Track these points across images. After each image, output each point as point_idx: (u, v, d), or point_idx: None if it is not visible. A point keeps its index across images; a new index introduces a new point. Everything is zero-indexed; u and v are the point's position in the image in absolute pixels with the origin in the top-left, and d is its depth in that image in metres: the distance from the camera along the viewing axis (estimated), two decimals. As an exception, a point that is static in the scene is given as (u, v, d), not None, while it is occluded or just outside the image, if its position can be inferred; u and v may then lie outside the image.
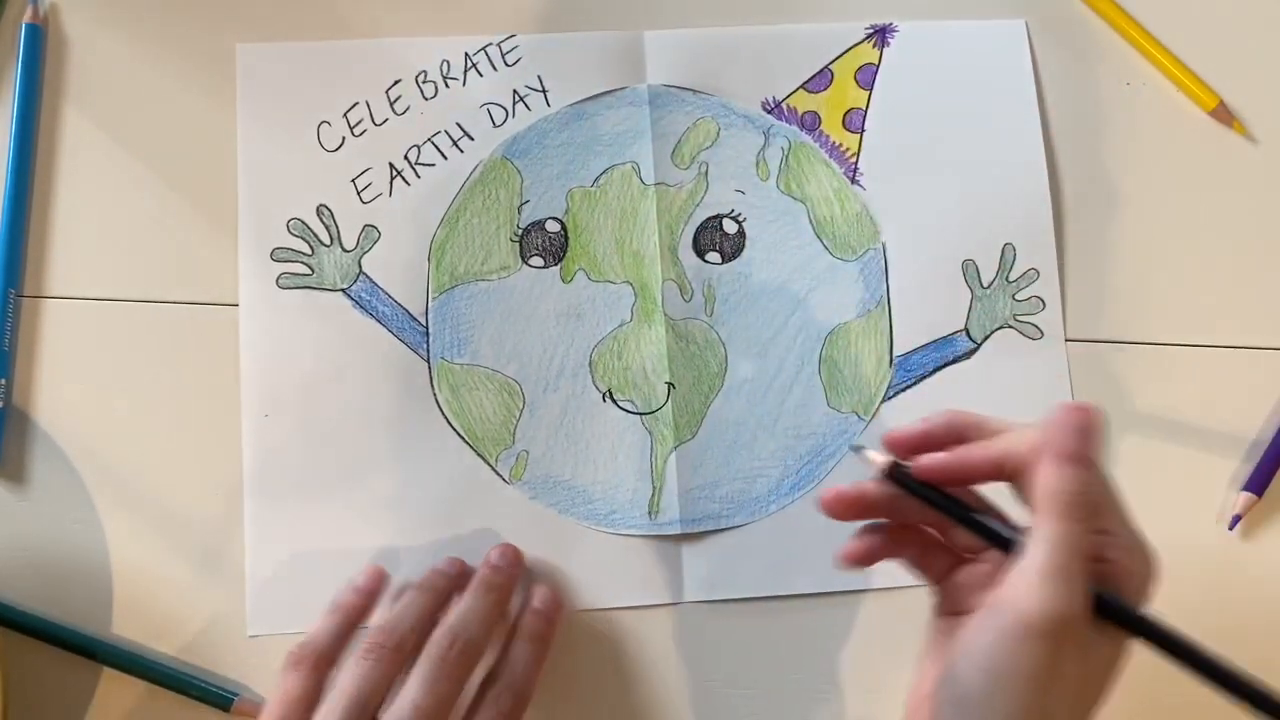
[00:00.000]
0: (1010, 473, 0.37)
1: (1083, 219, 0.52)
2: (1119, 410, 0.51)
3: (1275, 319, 0.52)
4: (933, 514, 0.38)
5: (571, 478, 0.50)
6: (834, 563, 0.39)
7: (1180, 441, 0.51)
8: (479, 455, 0.50)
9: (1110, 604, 0.36)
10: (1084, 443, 0.36)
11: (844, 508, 0.38)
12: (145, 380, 0.50)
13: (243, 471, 0.49)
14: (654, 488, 0.50)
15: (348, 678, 0.42)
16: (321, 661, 0.43)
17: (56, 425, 0.49)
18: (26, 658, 0.47)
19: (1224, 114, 0.53)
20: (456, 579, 0.47)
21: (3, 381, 0.49)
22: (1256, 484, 0.50)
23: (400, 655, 0.43)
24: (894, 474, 0.38)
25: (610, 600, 0.49)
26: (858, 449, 0.39)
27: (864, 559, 0.39)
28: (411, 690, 0.42)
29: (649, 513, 0.49)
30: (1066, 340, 0.51)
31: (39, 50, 0.52)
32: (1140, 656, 0.38)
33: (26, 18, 0.52)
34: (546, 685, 0.48)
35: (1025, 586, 0.35)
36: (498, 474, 0.50)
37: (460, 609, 0.45)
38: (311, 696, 0.42)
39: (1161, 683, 0.47)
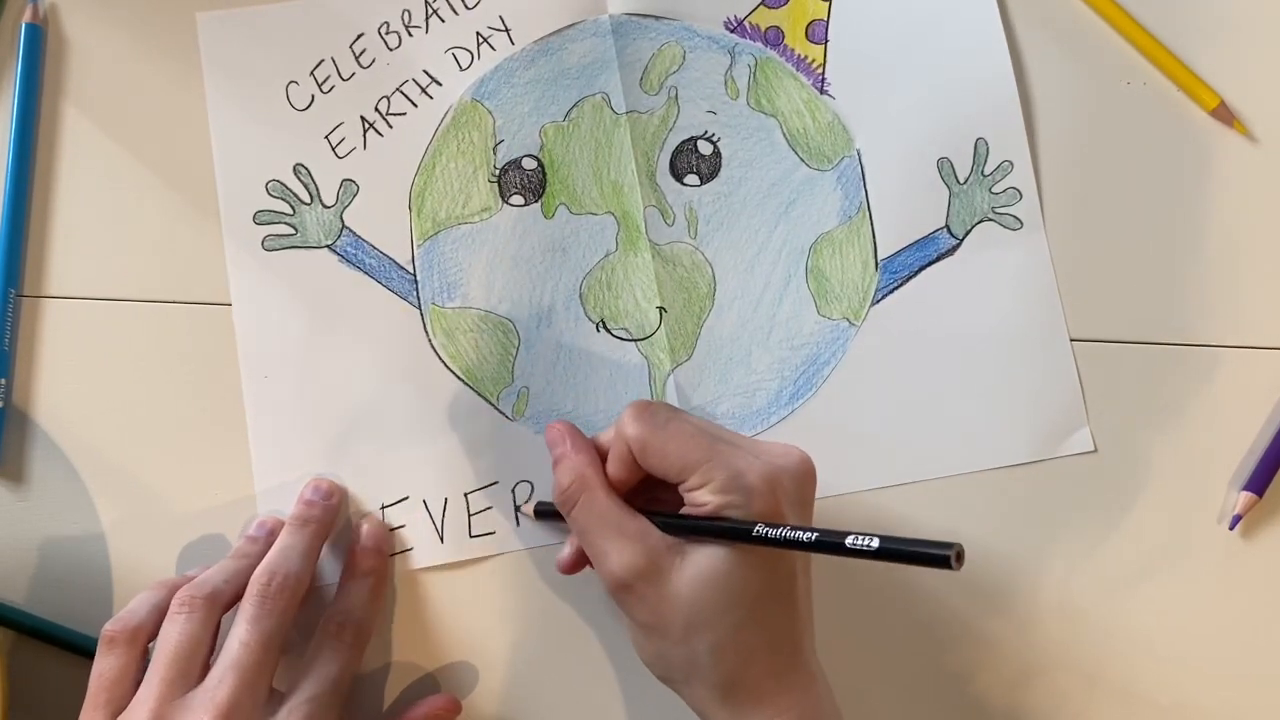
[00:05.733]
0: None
1: (1082, 218, 0.52)
2: (1120, 409, 0.51)
3: (1275, 319, 0.52)
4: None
5: (574, 409, 0.50)
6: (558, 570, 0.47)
7: (1180, 441, 0.51)
8: (480, 395, 0.50)
9: (671, 525, 0.41)
10: (552, 448, 0.46)
11: (572, 565, 0.47)
12: (145, 380, 0.50)
13: (247, 434, 0.49)
14: (656, 411, 0.50)
15: (163, 637, 0.42)
16: (137, 635, 0.43)
17: (56, 425, 0.49)
18: (26, 658, 0.48)
19: (1224, 114, 0.53)
20: (268, 539, 0.47)
21: (3, 381, 0.49)
22: (1256, 484, 0.50)
23: (215, 604, 0.43)
24: (539, 511, 0.49)
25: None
26: (517, 509, 0.49)
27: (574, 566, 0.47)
28: (238, 629, 0.42)
29: (653, 436, 0.50)
30: (1072, 339, 0.51)
31: (39, 50, 0.52)
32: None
33: (26, 18, 0.51)
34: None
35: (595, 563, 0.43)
36: (501, 412, 0.50)
37: (276, 546, 0.46)
38: (131, 671, 0.42)
39: (1165, 684, 0.49)
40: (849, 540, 0.36)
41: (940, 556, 0.34)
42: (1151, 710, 0.49)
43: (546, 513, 0.48)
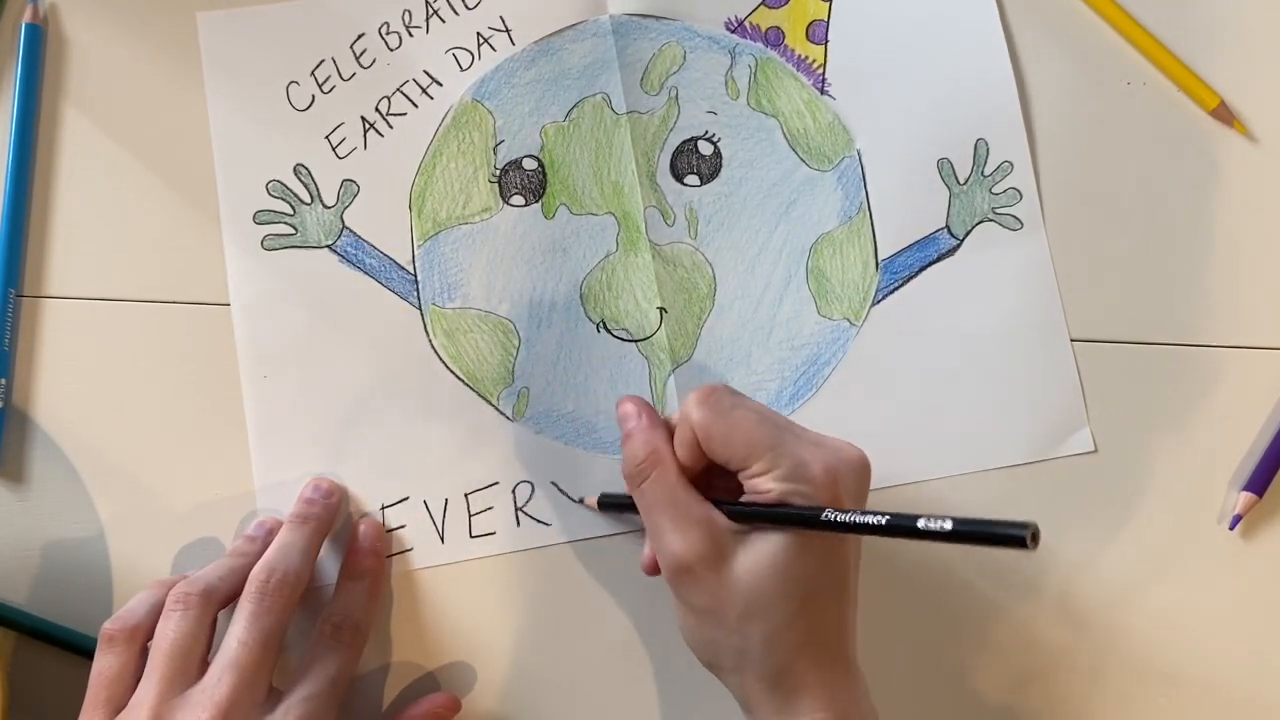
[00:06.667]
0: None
1: (1082, 218, 0.52)
2: (1120, 409, 0.51)
3: (1275, 319, 0.52)
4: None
5: (574, 410, 0.50)
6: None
7: (1180, 441, 0.51)
8: (480, 396, 0.50)
9: (736, 512, 0.41)
10: (623, 423, 0.45)
11: (656, 566, 0.44)
12: (145, 380, 0.50)
13: (247, 435, 0.49)
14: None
15: (158, 635, 0.42)
16: (136, 634, 0.43)
17: (56, 425, 0.49)
18: (26, 658, 0.48)
19: (1224, 114, 0.53)
20: (267, 538, 0.47)
21: (3, 381, 0.49)
22: (1256, 484, 0.50)
23: (210, 600, 0.43)
24: (602, 503, 0.49)
25: (625, 525, 0.49)
26: (580, 501, 0.49)
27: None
28: (235, 627, 0.42)
29: (654, 436, 0.50)
30: (1072, 339, 0.51)
31: (39, 50, 0.52)
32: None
33: (26, 18, 0.52)
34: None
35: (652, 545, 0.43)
36: (501, 413, 0.50)
37: (275, 543, 0.46)
38: (130, 670, 0.42)
39: (1165, 683, 0.49)
40: (921, 522, 0.36)
41: (1016, 536, 0.33)
42: (1152, 710, 0.49)
43: (611, 505, 0.48)
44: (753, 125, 0.52)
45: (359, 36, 0.52)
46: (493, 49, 0.52)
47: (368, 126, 0.52)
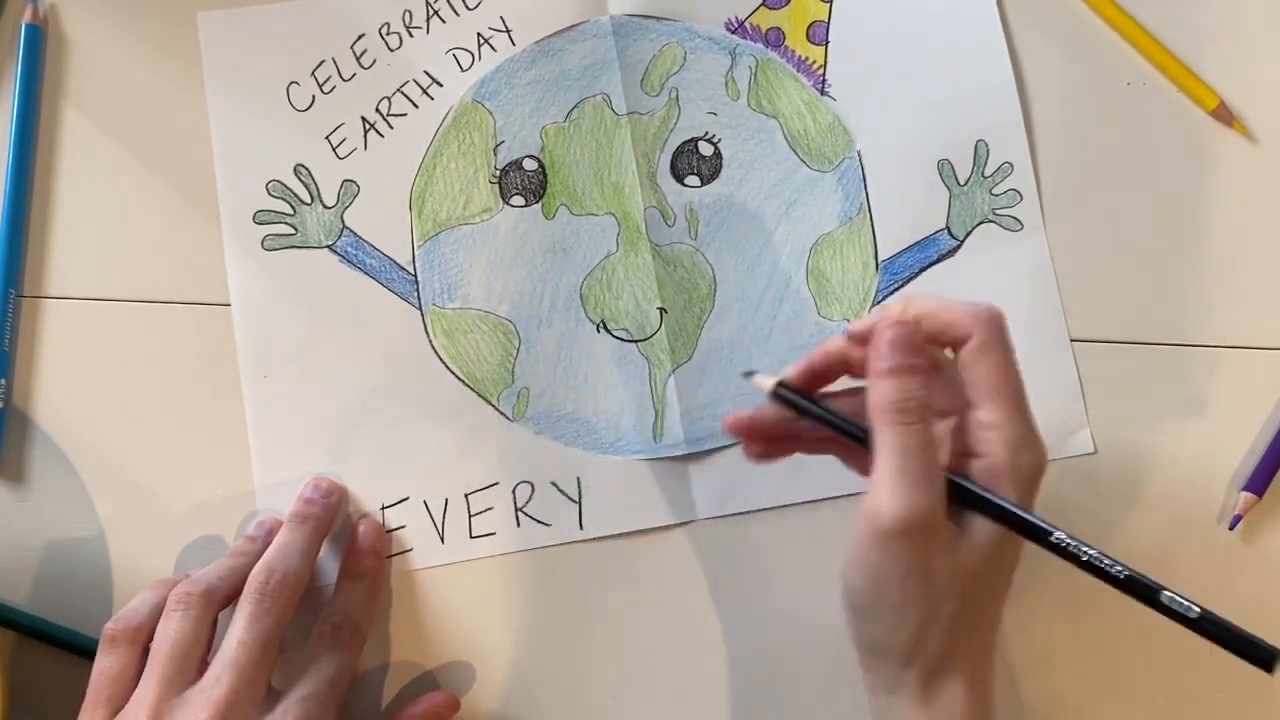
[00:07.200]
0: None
1: (1082, 219, 0.52)
2: (1120, 409, 0.51)
3: (1275, 319, 0.52)
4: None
5: (574, 410, 0.50)
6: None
7: (1180, 441, 0.51)
8: (480, 396, 0.50)
9: (965, 491, 0.38)
10: (899, 355, 0.39)
11: (738, 431, 0.43)
12: (145, 380, 0.50)
13: (247, 435, 0.49)
14: (656, 412, 0.50)
15: (159, 635, 0.42)
16: (138, 635, 0.43)
17: (56, 425, 0.49)
18: (26, 658, 0.48)
19: (1224, 114, 0.53)
20: (267, 538, 0.47)
21: (3, 381, 0.49)
22: (1256, 484, 0.50)
23: (210, 600, 0.43)
24: (777, 393, 0.42)
25: (624, 525, 0.49)
26: (748, 374, 0.43)
27: (760, 455, 0.43)
28: (235, 628, 0.42)
29: (653, 437, 0.50)
30: (1072, 339, 0.51)
31: (39, 50, 0.52)
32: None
33: (26, 18, 0.52)
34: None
35: (874, 493, 0.38)
36: (501, 413, 0.50)
37: (274, 544, 0.46)
38: (131, 670, 0.42)
39: (1165, 683, 0.49)
40: (1164, 596, 0.36)
41: (1262, 656, 0.33)
42: (1151, 710, 0.49)
43: (789, 401, 0.42)
44: (753, 126, 0.53)
45: (359, 37, 0.52)
46: (493, 49, 0.52)
47: (368, 127, 0.52)
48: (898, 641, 0.39)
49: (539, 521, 0.49)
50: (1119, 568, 0.36)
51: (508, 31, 0.53)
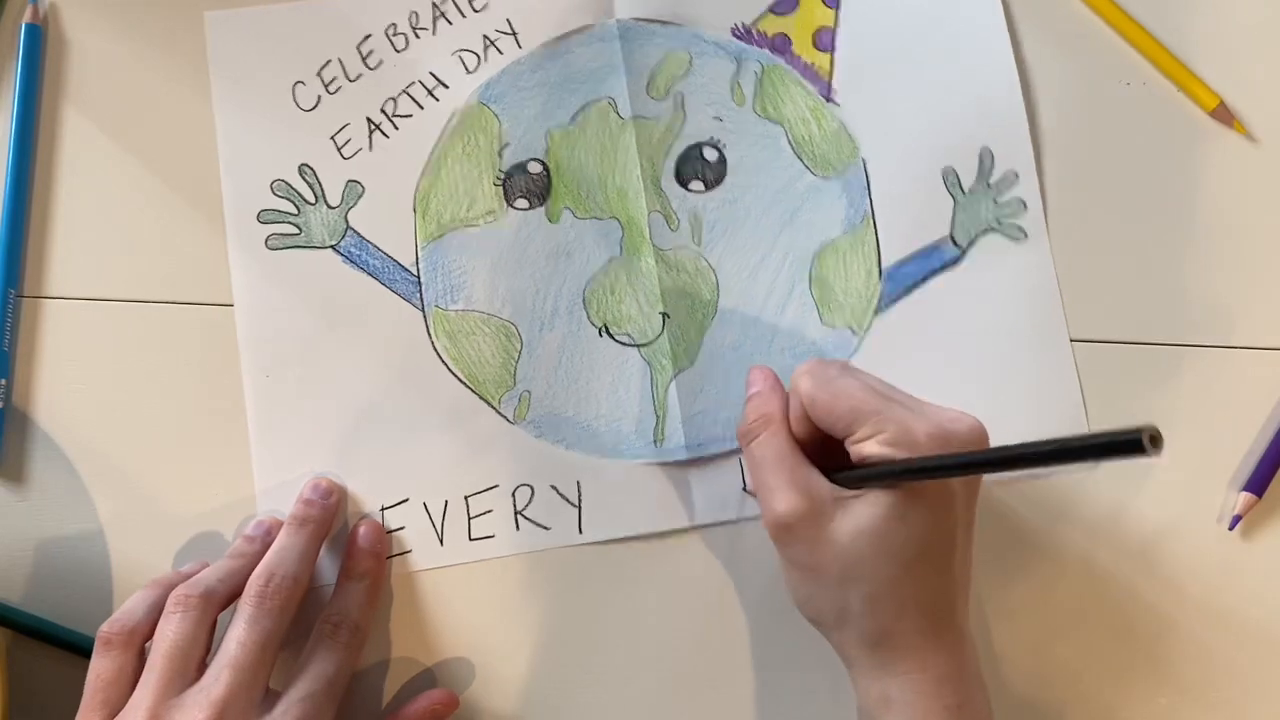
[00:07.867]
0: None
1: (1083, 220, 0.52)
2: (1120, 410, 0.51)
3: (1275, 319, 0.52)
4: None
5: (575, 413, 0.50)
6: None
7: (1180, 441, 0.51)
8: (482, 399, 0.50)
9: (839, 479, 0.42)
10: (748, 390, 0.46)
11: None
12: (145, 380, 0.50)
13: (248, 435, 0.49)
14: (657, 417, 0.50)
15: (158, 636, 0.42)
16: (134, 636, 0.43)
17: (56, 425, 0.49)
18: (26, 658, 0.48)
19: (1224, 114, 0.53)
20: (265, 539, 0.47)
21: (3, 381, 0.49)
22: (1256, 484, 0.50)
23: (210, 602, 0.43)
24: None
25: (624, 530, 0.49)
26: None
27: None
28: (235, 629, 0.42)
29: (654, 441, 0.50)
30: (1072, 340, 0.51)
31: (39, 50, 0.52)
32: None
33: (26, 18, 0.52)
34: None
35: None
36: (502, 416, 0.50)
37: (274, 546, 0.46)
38: (128, 672, 0.42)
39: (1164, 683, 0.49)
40: (1019, 449, 0.36)
41: (1130, 443, 0.30)
42: (1150, 709, 0.49)
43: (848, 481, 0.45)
44: (758, 132, 0.52)
45: (365, 38, 0.52)
46: (499, 52, 0.52)
47: (373, 127, 0.52)
48: (827, 621, 0.42)
49: (539, 525, 0.49)
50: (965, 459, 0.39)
51: (514, 34, 0.52)
